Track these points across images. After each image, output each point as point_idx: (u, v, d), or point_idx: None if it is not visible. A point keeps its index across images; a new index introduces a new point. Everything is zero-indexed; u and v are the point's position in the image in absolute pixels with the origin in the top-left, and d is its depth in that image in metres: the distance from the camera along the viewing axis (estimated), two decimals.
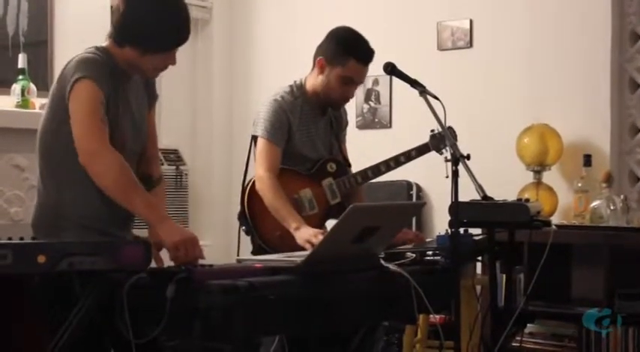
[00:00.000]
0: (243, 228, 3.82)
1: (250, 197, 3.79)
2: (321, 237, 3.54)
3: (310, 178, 3.84)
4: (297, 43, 5.95)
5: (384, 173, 3.90)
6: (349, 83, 3.77)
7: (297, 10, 6.13)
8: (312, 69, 3.86)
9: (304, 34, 5.22)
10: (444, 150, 3.88)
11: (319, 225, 3.76)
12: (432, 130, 3.90)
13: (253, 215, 3.78)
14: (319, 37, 3.97)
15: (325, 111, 3.92)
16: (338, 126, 3.99)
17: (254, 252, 3.79)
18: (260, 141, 3.78)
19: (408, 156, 3.87)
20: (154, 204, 2.88)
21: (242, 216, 3.82)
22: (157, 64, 3.00)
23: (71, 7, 5.35)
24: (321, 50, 3.83)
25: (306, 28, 4.29)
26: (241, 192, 3.83)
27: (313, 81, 3.84)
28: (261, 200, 3.73)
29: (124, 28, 2.95)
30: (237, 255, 3.83)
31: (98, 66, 2.89)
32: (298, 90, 3.84)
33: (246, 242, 3.88)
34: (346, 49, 3.74)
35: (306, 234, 3.56)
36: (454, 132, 3.87)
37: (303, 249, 3.47)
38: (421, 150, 3.89)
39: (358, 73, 3.78)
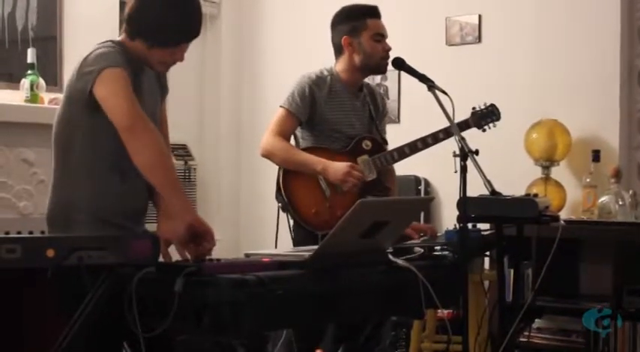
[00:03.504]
0: (279, 205, 3.85)
1: (285, 175, 3.83)
2: (355, 172, 3.69)
3: (345, 156, 3.86)
4: (306, 38, 5.96)
5: (420, 150, 3.89)
6: (380, 39, 3.91)
7: (305, 5, 6.13)
8: (337, 57, 3.95)
9: (312, 28, 5.21)
10: (486, 127, 3.94)
11: (355, 201, 3.77)
12: (474, 108, 3.95)
13: (289, 193, 3.82)
14: (327, 31, 3.99)
15: (360, 91, 3.98)
16: (376, 112, 4.02)
17: (294, 229, 3.86)
18: (278, 111, 3.88)
19: (447, 133, 3.81)
20: (183, 190, 2.92)
21: (278, 194, 3.85)
22: (165, 59, 3.01)
23: (80, 3, 5.36)
24: (339, 35, 3.93)
25: (315, 22, 4.29)
26: (278, 171, 3.87)
27: (345, 63, 3.92)
28: (296, 178, 3.79)
29: (133, 20, 2.98)
30: (276, 239, 3.90)
31: (119, 57, 2.91)
32: (328, 72, 3.94)
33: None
34: (357, 16, 3.91)
35: (339, 173, 3.71)
36: (497, 109, 3.96)
37: (325, 228, 3.48)
38: (461, 127, 3.78)
39: (380, 26, 3.93)
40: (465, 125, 3.88)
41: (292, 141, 3.95)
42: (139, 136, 2.82)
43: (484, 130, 3.96)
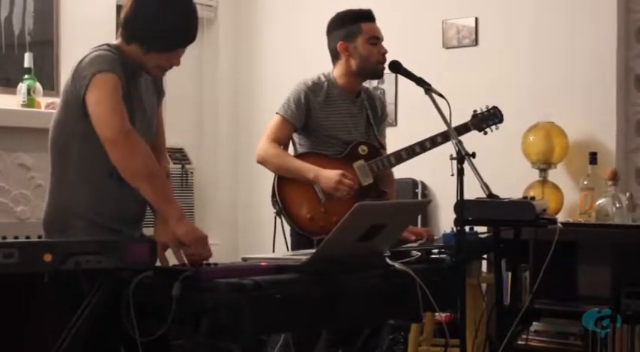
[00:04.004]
0: (274, 210, 3.85)
1: (280, 181, 3.84)
2: (346, 181, 3.68)
3: (341, 161, 3.86)
4: (303, 42, 5.96)
5: (419, 154, 3.88)
6: (376, 42, 3.90)
7: (302, 9, 6.13)
8: (334, 63, 3.95)
9: (310, 32, 5.21)
10: (487, 130, 3.95)
11: (350, 206, 3.77)
12: (475, 110, 3.96)
13: (284, 199, 3.82)
14: (324, 35, 3.99)
15: (358, 96, 3.98)
16: (374, 116, 4.01)
17: (290, 233, 3.86)
18: (273, 117, 3.89)
19: (445, 137, 3.79)
20: (171, 197, 2.91)
21: (273, 200, 3.86)
22: (161, 63, 3.00)
23: (77, 7, 5.36)
24: (334, 40, 3.93)
25: (312, 26, 4.30)
26: (273, 176, 3.88)
27: (342, 69, 3.92)
28: (291, 183, 3.80)
29: (129, 24, 2.97)
30: (273, 244, 3.87)
31: (113, 61, 2.90)
32: (325, 77, 3.94)
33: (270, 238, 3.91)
34: (351, 21, 3.91)
35: (331, 182, 3.71)
36: (499, 112, 3.97)
37: (324, 232, 3.47)
38: (460, 131, 3.80)
39: (375, 30, 3.93)
40: (464, 128, 3.88)
41: (291, 146, 3.95)
42: (120, 148, 2.80)
43: (485, 133, 3.96)
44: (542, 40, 5.28)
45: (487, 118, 3.97)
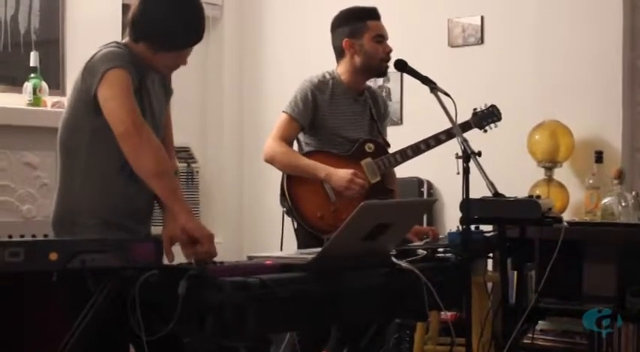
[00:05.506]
0: (284, 209, 3.85)
1: (289, 179, 3.84)
2: (358, 180, 3.69)
3: (348, 159, 3.87)
4: (308, 40, 5.96)
5: (424, 151, 3.91)
6: (381, 40, 3.91)
7: (307, 8, 6.13)
8: (338, 60, 3.96)
9: (314, 31, 5.21)
10: (487, 127, 3.98)
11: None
12: (475, 109, 3.98)
13: (293, 198, 3.83)
14: (329, 32, 3.99)
15: (362, 94, 3.98)
16: (377, 114, 4.02)
17: (298, 232, 3.86)
18: (280, 116, 3.89)
19: (449, 135, 3.82)
20: (181, 194, 2.91)
21: (282, 199, 3.86)
22: (169, 63, 3.02)
23: (83, 6, 5.36)
24: (339, 38, 3.93)
25: (317, 24, 4.29)
26: (282, 175, 3.88)
27: (347, 66, 3.93)
28: (300, 182, 3.80)
29: (137, 25, 2.97)
30: (281, 242, 3.89)
31: (124, 58, 2.91)
32: (330, 75, 3.95)
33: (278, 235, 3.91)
34: (357, 18, 3.92)
35: (343, 181, 3.71)
36: (498, 110, 4.00)
37: (330, 229, 3.48)
38: (463, 128, 3.81)
39: (380, 28, 3.93)
40: (466, 126, 3.90)
41: (295, 146, 3.95)
42: (132, 142, 2.82)
43: (485, 131, 3.98)
44: (548, 38, 5.28)
45: (487, 116, 4.00)
